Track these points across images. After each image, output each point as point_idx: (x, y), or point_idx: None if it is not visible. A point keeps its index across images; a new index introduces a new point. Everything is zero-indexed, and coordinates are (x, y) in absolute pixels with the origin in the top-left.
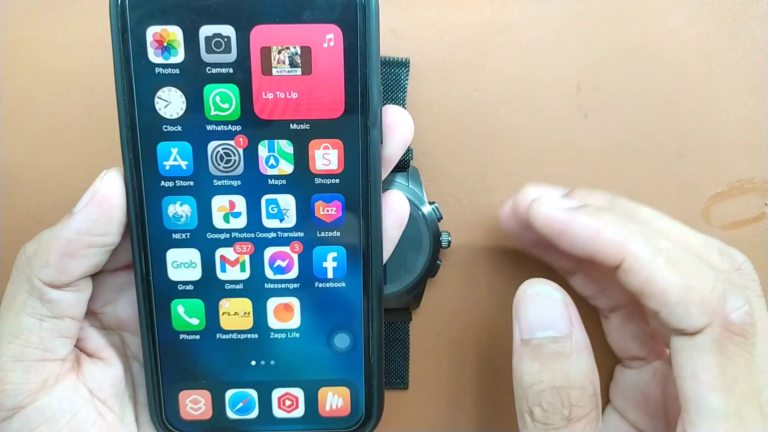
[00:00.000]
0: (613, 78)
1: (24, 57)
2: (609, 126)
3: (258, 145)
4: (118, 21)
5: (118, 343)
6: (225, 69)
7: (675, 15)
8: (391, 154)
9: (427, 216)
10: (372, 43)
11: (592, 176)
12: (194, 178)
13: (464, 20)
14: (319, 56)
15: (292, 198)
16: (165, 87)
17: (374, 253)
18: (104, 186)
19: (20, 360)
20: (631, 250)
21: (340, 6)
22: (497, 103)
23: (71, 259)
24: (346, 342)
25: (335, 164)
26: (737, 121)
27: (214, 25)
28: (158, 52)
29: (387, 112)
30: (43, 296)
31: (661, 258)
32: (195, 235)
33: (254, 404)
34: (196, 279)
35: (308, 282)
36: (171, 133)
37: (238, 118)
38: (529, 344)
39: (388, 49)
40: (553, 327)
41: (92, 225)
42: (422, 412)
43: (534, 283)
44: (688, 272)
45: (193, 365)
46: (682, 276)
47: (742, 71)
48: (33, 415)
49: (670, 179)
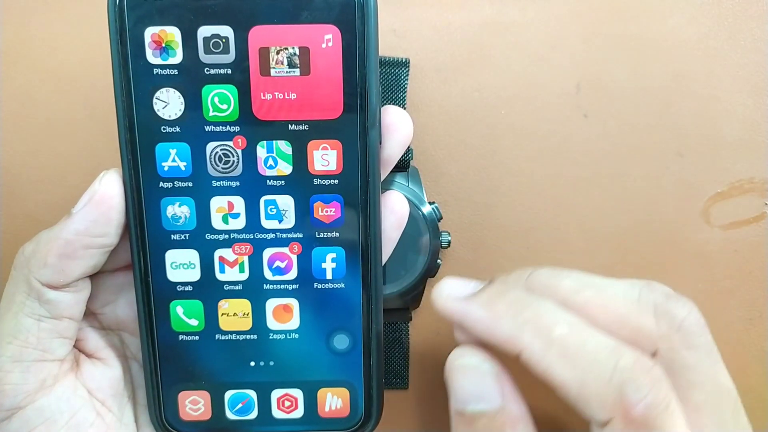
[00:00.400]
0: (613, 78)
1: (24, 57)
2: (609, 126)
3: (256, 145)
4: (116, 22)
5: (117, 344)
6: (223, 70)
7: (675, 15)
8: (391, 154)
9: (427, 216)
10: (370, 43)
11: (592, 176)
12: (193, 179)
13: (464, 20)
14: (318, 57)
15: (290, 199)
16: (163, 88)
17: (373, 253)
18: (103, 187)
19: (18, 360)
20: (524, 344)
21: (339, 6)
22: (497, 103)
23: (69, 259)
24: (346, 343)
25: (334, 165)
26: (737, 121)
27: (213, 25)
28: (156, 53)
29: (386, 112)
30: (42, 297)
31: (554, 350)
32: (194, 236)
33: (253, 405)
34: (195, 280)
35: (307, 283)
36: (169, 134)
37: (237, 118)
38: (463, 415)
39: (388, 49)
40: (484, 399)
41: (91, 226)
42: (422, 412)
43: (462, 354)
44: (582, 365)
45: (192, 366)
46: (576, 369)
47: (742, 71)
48: (32, 416)
49: (670, 179)
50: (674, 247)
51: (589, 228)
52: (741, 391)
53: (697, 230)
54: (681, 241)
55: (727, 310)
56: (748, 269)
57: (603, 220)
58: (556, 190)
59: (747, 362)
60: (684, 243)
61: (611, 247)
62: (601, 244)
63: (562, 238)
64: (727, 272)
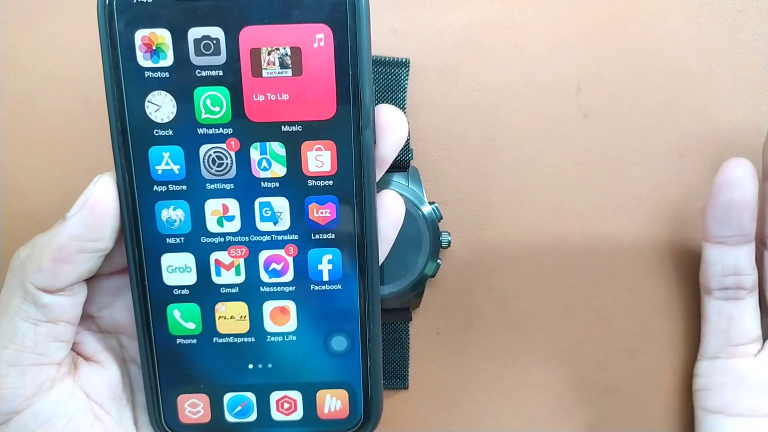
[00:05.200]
0: (613, 78)
1: (24, 57)
2: (609, 126)
3: (250, 147)
4: (106, 25)
5: (115, 347)
6: (215, 71)
7: (675, 15)
8: (386, 154)
9: (427, 216)
10: (363, 42)
11: (592, 176)
12: (187, 182)
13: (464, 20)
14: (310, 57)
15: (285, 200)
16: (155, 91)
17: (370, 254)
18: (97, 191)
19: (15, 364)
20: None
21: (330, 5)
22: (497, 103)
23: (64, 264)
24: (344, 344)
25: (328, 166)
26: (737, 121)
27: (203, 27)
28: (147, 56)
29: (380, 111)
30: (37, 301)
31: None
32: (189, 240)
33: (252, 407)
34: (192, 283)
35: (304, 285)
36: (162, 137)
37: (229, 121)
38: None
39: (388, 49)
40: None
41: (85, 230)
42: (422, 412)
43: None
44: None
45: (190, 369)
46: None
47: (742, 71)
48: (29, 420)
49: (670, 179)
50: (674, 248)
51: (589, 228)
52: None
53: (697, 230)
54: (681, 241)
55: None
56: None
57: (603, 220)
58: (556, 190)
59: None
60: (684, 243)
61: (611, 247)
62: (601, 244)
63: (562, 238)
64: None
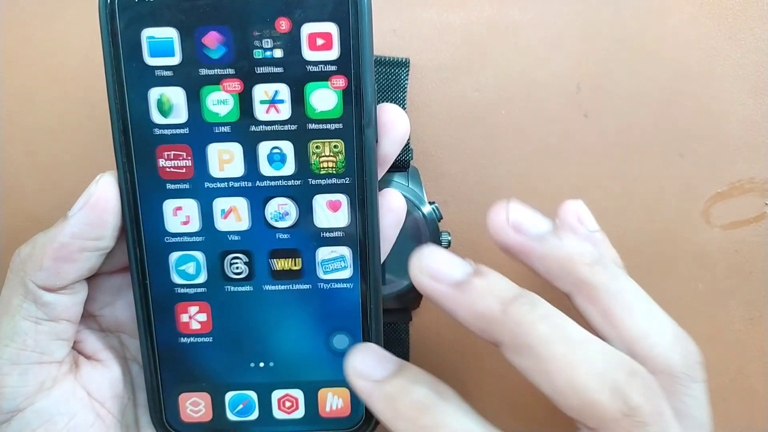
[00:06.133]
0: (613, 78)
1: (24, 57)
2: (609, 126)
3: (257, 146)
4: (109, 24)
5: (116, 346)
6: (219, 70)
7: (675, 15)
8: (388, 152)
9: (427, 216)
10: (365, 41)
11: (592, 176)
12: (189, 180)
13: (464, 20)
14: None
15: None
16: (158, 88)
17: (372, 252)
18: (99, 190)
19: (16, 363)
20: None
21: (333, 4)
22: (497, 103)
23: (65, 262)
24: (346, 342)
25: (332, 164)
26: (737, 121)
27: (208, 25)
28: (153, 54)
29: (382, 110)
30: (38, 299)
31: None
32: (191, 239)
33: (254, 406)
34: (194, 282)
35: (306, 283)
36: (167, 136)
37: (236, 119)
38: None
39: (388, 49)
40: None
41: (86, 229)
42: None
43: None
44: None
45: (192, 368)
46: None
47: (742, 71)
48: (31, 418)
49: (670, 179)
50: (674, 247)
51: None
52: (741, 391)
53: (697, 230)
54: (681, 241)
55: (727, 310)
56: (748, 269)
57: (603, 220)
58: (556, 190)
59: (747, 362)
60: (684, 243)
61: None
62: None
63: None
64: (727, 272)
